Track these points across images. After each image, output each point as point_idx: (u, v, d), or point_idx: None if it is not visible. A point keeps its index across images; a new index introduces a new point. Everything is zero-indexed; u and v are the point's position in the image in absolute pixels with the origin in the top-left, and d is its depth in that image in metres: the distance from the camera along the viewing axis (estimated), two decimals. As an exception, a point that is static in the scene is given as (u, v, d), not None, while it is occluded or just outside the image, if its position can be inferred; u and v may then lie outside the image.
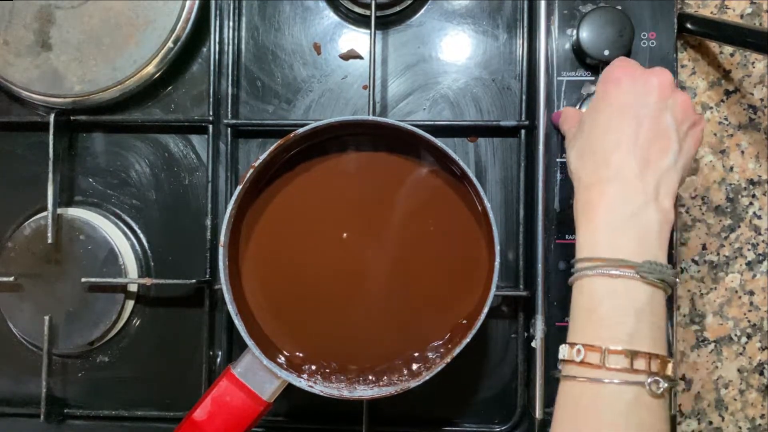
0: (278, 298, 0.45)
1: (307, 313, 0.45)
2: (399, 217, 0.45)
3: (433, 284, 0.44)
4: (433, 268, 0.44)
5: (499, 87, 0.49)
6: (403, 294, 0.44)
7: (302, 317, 0.45)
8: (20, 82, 0.48)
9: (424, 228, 0.45)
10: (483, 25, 0.49)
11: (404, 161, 0.45)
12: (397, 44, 0.49)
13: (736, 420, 0.49)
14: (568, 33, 0.46)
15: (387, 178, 0.45)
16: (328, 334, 0.45)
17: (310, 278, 0.45)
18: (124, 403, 0.49)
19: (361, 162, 0.45)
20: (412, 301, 0.44)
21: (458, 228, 0.44)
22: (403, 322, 0.44)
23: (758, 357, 0.49)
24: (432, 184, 0.45)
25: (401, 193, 0.45)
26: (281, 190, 0.45)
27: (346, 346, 0.45)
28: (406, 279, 0.44)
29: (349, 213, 0.45)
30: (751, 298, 0.49)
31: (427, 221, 0.45)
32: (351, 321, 0.45)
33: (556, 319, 0.46)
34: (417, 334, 0.44)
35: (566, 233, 0.46)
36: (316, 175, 0.45)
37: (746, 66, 0.50)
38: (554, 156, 0.46)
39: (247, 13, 0.50)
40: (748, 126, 0.50)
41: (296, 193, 0.45)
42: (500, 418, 0.48)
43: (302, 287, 0.45)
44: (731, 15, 0.50)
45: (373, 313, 0.45)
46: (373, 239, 0.45)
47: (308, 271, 0.45)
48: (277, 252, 0.45)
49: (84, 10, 0.48)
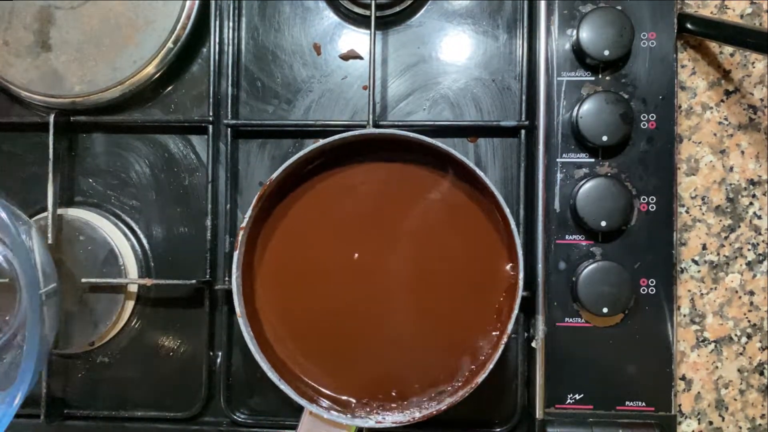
0: (304, 335, 0.43)
1: (337, 348, 0.43)
2: (416, 232, 0.43)
3: (455, 302, 0.43)
4: (454, 284, 0.43)
5: (499, 87, 0.49)
6: (428, 316, 0.43)
7: (333, 352, 0.43)
8: (20, 82, 0.48)
9: (444, 242, 0.43)
10: (483, 25, 0.49)
11: (421, 172, 0.43)
12: (397, 44, 0.49)
13: (736, 420, 0.49)
14: (568, 33, 0.46)
15: (404, 190, 0.43)
16: (361, 367, 0.43)
17: (337, 308, 0.43)
18: (124, 404, 0.49)
19: (375, 174, 0.44)
20: (437, 321, 0.43)
21: (479, 242, 0.42)
22: (430, 345, 0.43)
23: (758, 357, 0.49)
24: (452, 196, 0.43)
25: (418, 207, 0.43)
26: (292, 206, 0.43)
27: (377, 377, 0.43)
28: (429, 300, 0.43)
29: (364, 230, 0.43)
30: (752, 298, 0.49)
31: (446, 236, 0.43)
32: (379, 352, 0.43)
33: (556, 319, 0.46)
34: (444, 356, 0.42)
35: (566, 233, 0.46)
36: (330, 189, 0.43)
37: (746, 66, 0.50)
38: (554, 156, 0.46)
39: (247, 14, 0.50)
40: (748, 126, 0.50)
41: (308, 211, 0.43)
42: (500, 418, 0.48)
43: (326, 319, 0.43)
44: (731, 15, 0.50)
45: (401, 341, 0.43)
46: (392, 257, 0.43)
47: (333, 300, 0.43)
48: (295, 282, 0.43)
49: (84, 11, 0.48)
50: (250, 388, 0.49)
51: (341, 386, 0.43)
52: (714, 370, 0.49)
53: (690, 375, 0.49)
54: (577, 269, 0.45)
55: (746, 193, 0.49)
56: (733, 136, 0.50)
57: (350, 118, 0.49)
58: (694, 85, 0.50)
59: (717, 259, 0.49)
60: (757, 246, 0.49)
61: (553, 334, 0.45)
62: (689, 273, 0.49)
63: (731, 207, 0.49)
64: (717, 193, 0.50)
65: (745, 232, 0.49)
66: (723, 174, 0.50)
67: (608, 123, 0.45)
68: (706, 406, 0.49)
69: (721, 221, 0.49)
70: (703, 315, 0.49)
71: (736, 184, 0.49)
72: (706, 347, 0.49)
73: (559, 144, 0.46)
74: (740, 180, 0.49)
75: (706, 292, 0.49)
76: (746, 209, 0.49)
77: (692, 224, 0.49)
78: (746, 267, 0.49)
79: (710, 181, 0.49)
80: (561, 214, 0.46)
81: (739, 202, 0.49)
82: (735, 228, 0.49)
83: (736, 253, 0.49)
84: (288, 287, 0.43)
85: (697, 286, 0.49)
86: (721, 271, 0.49)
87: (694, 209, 0.49)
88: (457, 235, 0.43)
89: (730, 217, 0.49)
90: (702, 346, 0.49)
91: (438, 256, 0.43)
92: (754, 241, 0.49)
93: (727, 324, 0.49)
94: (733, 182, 0.49)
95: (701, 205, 0.49)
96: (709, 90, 0.50)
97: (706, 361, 0.49)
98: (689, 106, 0.49)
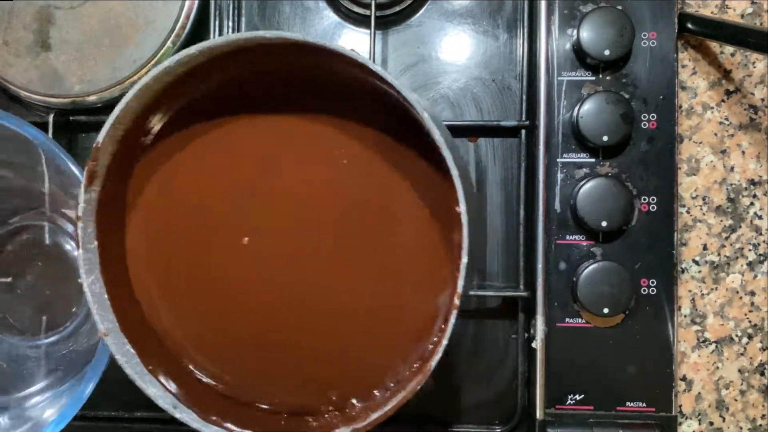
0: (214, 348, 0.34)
1: (256, 360, 0.34)
2: (334, 204, 0.33)
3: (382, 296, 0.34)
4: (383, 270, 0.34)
5: (500, 87, 0.49)
6: (354, 304, 0.34)
7: (251, 366, 0.34)
8: (19, 82, 0.48)
9: (372, 214, 0.33)
10: (483, 25, 0.49)
11: (342, 123, 0.32)
12: (397, 44, 0.49)
13: (737, 421, 0.49)
14: (568, 33, 0.46)
15: (312, 153, 0.33)
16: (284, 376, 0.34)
17: (239, 313, 0.34)
18: (124, 404, 0.49)
19: (282, 126, 0.33)
20: (367, 312, 0.34)
21: (415, 217, 0.33)
22: (360, 339, 0.34)
23: (759, 357, 0.49)
24: (379, 160, 0.33)
25: (336, 171, 0.33)
26: (160, 177, 0.33)
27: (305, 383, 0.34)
28: (352, 287, 0.34)
29: (259, 206, 0.34)
30: (752, 298, 0.49)
31: (374, 208, 0.33)
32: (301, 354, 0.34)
33: (556, 319, 0.45)
34: (384, 346, 0.34)
35: (567, 234, 0.46)
36: (223, 144, 0.33)
37: (747, 66, 0.50)
38: (555, 156, 0.46)
39: (247, 13, 0.50)
40: (749, 126, 0.50)
41: (189, 174, 0.33)
42: (501, 419, 0.48)
43: (233, 330, 0.34)
44: (732, 15, 0.50)
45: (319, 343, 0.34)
46: (299, 240, 0.34)
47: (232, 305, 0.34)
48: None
49: (83, 11, 0.48)
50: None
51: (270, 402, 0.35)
52: (715, 370, 0.49)
53: (690, 375, 0.49)
54: (578, 269, 0.45)
55: (747, 193, 0.49)
56: (733, 136, 0.50)
57: (350, 118, 0.49)
58: (694, 84, 0.50)
59: (718, 260, 0.49)
60: (757, 246, 0.49)
61: (553, 334, 0.45)
62: (690, 273, 0.49)
63: (732, 207, 0.49)
64: (718, 193, 0.49)
65: (745, 233, 0.49)
66: (724, 174, 0.49)
67: (609, 123, 0.45)
68: (706, 407, 0.49)
69: (722, 221, 0.49)
70: (703, 315, 0.49)
71: (736, 184, 0.49)
72: (707, 348, 0.49)
73: (560, 144, 0.46)
74: (741, 180, 0.49)
75: (706, 292, 0.49)
76: (747, 209, 0.49)
77: (693, 224, 0.49)
78: (747, 267, 0.49)
79: (711, 181, 0.49)
80: (561, 214, 0.46)
81: (740, 202, 0.49)
82: (736, 228, 0.49)
83: (737, 254, 0.49)
84: (176, 293, 0.35)
85: (698, 287, 0.49)
86: (722, 271, 0.49)
87: (694, 209, 0.49)
88: (385, 212, 0.34)
89: (731, 217, 0.49)
90: (702, 347, 0.49)
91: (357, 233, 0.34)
92: (754, 242, 0.49)
93: (727, 324, 0.49)
94: (733, 182, 0.49)
95: (702, 205, 0.49)
96: (710, 90, 0.50)
97: (707, 361, 0.49)
98: (690, 106, 0.49)
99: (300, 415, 0.34)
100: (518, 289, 0.47)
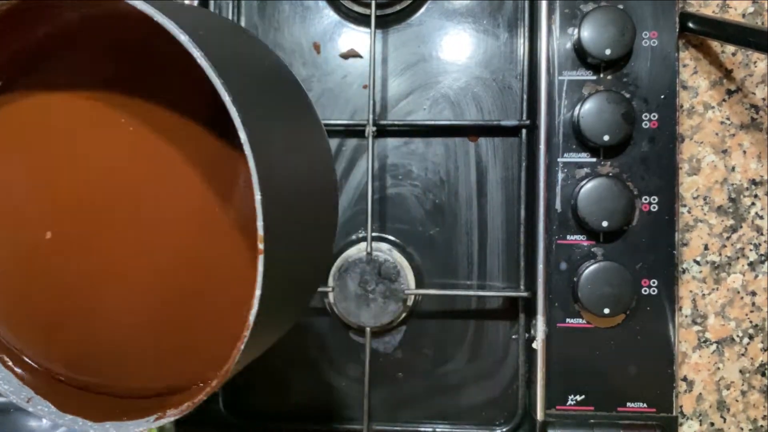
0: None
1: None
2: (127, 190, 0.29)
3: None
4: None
5: (500, 86, 0.49)
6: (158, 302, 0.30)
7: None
8: (18, 81, 0.48)
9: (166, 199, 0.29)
10: (483, 24, 0.49)
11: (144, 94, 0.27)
12: (398, 43, 0.49)
13: (737, 421, 0.49)
14: (569, 32, 0.46)
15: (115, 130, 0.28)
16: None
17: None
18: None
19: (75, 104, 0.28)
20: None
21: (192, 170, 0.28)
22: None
23: (760, 358, 0.49)
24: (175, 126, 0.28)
25: (129, 151, 0.29)
26: None
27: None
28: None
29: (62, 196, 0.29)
30: (753, 298, 0.49)
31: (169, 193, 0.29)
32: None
33: (557, 320, 0.45)
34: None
35: (567, 233, 0.46)
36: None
37: (748, 65, 0.49)
38: (555, 156, 0.46)
39: (247, 13, 0.50)
40: (750, 126, 0.49)
41: None
42: (501, 419, 0.48)
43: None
44: (733, 14, 0.50)
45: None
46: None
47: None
48: None
49: (82, 9, 0.48)
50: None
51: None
52: (715, 371, 0.49)
53: (691, 376, 0.49)
54: (579, 269, 0.45)
55: (748, 193, 0.49)
56: (735, 135, 0.49)
57: (350, 117, 0.49)
58: (695, 84, 0.50)
59: (719, 260, 0.49)
60: (759, 246, 0.49)
61: (554, 334, 0.45)
62: (691, 273, 0.49)
63: (733, 207, 0.49)
64: (719, 193, 0.49)
65: (746, 233, 0.49)
66: (725, 174, 0.49)
67: (609, 122, 0.44)
68: (707, 408, 0.49)
69: (723, 221, 0.49)
70: (704, 316, 0.49)
71: (737, 184, 0.49)
72: (708, 348, 0.49)
73: (561, 143, 0.46)
74: (742, 180, 0.49)
75: (707, 292, 0.49)
76: (748, 209, 0.49)
77: (694, 224, 0.49)
78: (748, 267, 0.49)
79: (712, 181, 0.49)
80: (562, 214, 0.46)
81: (741, 202, 0.49)
82: (737, 228, 0.49)
83: (738, 254, 0.49)
84: None
85: (699, 287, 0.49)
86: (723, 271, 0.49)
87: (695, 209, 0.49)
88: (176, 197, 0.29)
89: (732, 217, 0.49)
90: (703, 347, 0.49)
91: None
92: (756, 242, 0.49)
93: (728, 325, 0.49)
94: (734, 182, 0.49)
95: (703, 205, 0.49)
96: (711, 89, 0.50)
97: (708, 362, 0.49)
98: (691, 106, 0.49)
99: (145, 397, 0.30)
100: (519, 289, 0.47)
